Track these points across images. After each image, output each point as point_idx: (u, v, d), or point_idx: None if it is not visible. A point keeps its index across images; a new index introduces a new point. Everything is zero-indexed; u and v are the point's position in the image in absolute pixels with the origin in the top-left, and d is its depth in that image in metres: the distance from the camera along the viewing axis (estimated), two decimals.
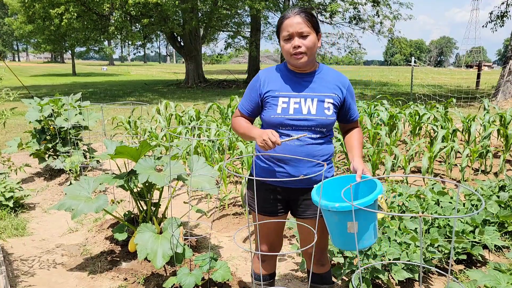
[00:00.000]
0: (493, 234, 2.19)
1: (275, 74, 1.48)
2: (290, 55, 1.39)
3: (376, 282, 2.04)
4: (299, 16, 1.36)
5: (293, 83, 1.45)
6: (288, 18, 1.37)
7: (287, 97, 1.43)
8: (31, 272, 2.24)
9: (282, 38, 1.40)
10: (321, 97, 1.43)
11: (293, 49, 1.37)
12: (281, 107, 1.42)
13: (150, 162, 2.09)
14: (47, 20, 13.86)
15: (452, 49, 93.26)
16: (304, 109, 1.41)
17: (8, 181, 3.17)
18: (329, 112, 1.43)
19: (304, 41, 1.36)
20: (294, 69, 1.46)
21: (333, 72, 1.50)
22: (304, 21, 1.36)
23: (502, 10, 12.75)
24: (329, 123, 1.44)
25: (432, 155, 3.67)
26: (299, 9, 1.38)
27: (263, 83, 1.47)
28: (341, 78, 1.49)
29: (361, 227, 1.22)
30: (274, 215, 1.54)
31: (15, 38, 44.90)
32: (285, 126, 1.42)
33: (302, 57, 1.38)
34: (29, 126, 6.70)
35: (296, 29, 1.35)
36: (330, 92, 1.45)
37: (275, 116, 1.42)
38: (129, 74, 29.46)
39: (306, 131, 1.41)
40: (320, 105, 1.42)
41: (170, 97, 12.80)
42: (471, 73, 18.75)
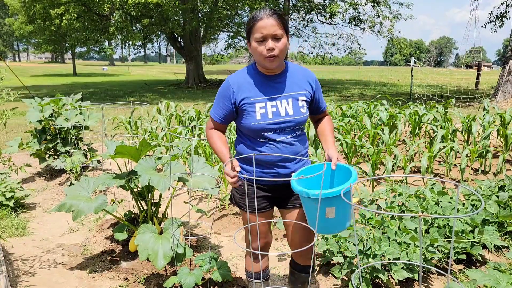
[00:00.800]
0: (493, 234, 2.20)
1: (246, 79, 1.47)
2: (264, 58, 1.38)
3: (375, 281, 2.05)
4: (273, 18, 1.35)
5: (266, 86, 1.46)
6: (261, 19, 1.35)
7: (263, 101, 1.44)
8: (31, 272, 2.24)
9: (255, 39, 1.37)
10: (295, 96, 1.47)
11: (267, 51, 1.36)
12: (259, 113, 1.43)
13: (151, 162, 2.10)
14: (47, 20, 13.87)
15: (452, 49, 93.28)
16: (281, 111, 1.44)
17: (8, 181, 3.17)
18: (304, 110, 1.48)
19: (277, 44, 1.36)
20: (264, 71, 1.46)
21: (299, 69, 1.53)
22: (277, 24, 1.35)
23: (501, 11, 12.76)
24: (305, 120, 1.50)
25: (432, 155, 3.67)
26: (270, 11, 1.37)
27: (236, 90, 1.45)
28: (308, 73, 1.53)
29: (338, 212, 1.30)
30: (264, 211, 1.60)
31: (15, 38, 44.93)
32: (266, 130, 1.44)
33: (275, 59, 1.38)
34: (29, 126, 6.71)
35: (270, 32, 1.35)
36: (302, 90, 1.49)
37: (256, 123, 1.43)
38: (129, 74, 29.47)
39: (286, 133, 1.46)
40: (295, 104, 1.46)
41: (170, 97, 12.80)
42: (471, 73, 18.75)
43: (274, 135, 1.45)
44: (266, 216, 1.61)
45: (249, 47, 1.44)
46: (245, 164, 1.53)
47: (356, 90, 15.93)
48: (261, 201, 1.57)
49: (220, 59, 21.50)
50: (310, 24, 19.47)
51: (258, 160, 1.49)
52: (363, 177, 4.00)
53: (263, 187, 1.56)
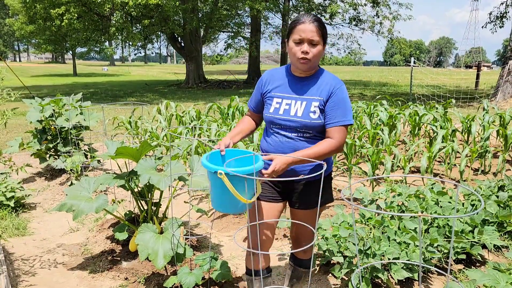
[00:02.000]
0: (492, 234, 2.20)
1: (277, 75, 1.59)
2: (297, 58, 1.47)
3: (375, 281, 2.05)
4: (313, 25, 1.43)
5: (290, 85, 1.55)
6: (303, 23, 1.44)
7: (281, 98, 1.55)
8: (32, 271, 2.25)
9: (293, 40, 1.46)
10: (309, 100, 1.51)
11: (301, 53, 1.45)
12: (274, 107, 1.55)
13: (151, 162, 2.10)
14: (48, 20, 13.89)
15: (452, 49, 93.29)
16: (292, 111, 1.51)
17: (9, 181, 3.18)
18: (315, 116, 1.49)
19: (312, 49, 1.45)
20: (295, 72, 1.56)
21: (330, 77, 1.55)
22: (317, 30, 1.44)
23: (501, 11, 12.76)
24: (314, 126, 1.50)
25: (432, 155, 3.68)
26: (314, 17, 1.45)
27: (265, 82, 1.60)
28: (333, 82, 1.52)
29: (212, 188, 1.39)
30: (272, 201, 1.62)
31: (16, 39, 44.95)
32: (274, 124, 1.55)
33: (307, 63, 1.46)
34: (30, 126, 6.71)
35: (308, 36, 1.43)
36: (318, 96, 1.51)
37: (268, 114, 1.56)
38: (129, 75, 29.48)
39: (292, 131, 1.53)
40: (306, 108, 1.50)
41: (170, 97, 12.81)
42: (471, 74, 18.76)
43: (281, 130, 1.54)
44: (275, 207, 1.63)
45: (287, 45, 1.52)
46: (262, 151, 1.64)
47: (356, 90, 15.94)
48: (270, 190, 1.63)
49: (220, 59, 21.52)
50: None
51: (263, 150, 1.61)
52: (363, 177, 4.00)
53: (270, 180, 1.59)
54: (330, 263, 2.26)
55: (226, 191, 1.33)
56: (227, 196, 1.35)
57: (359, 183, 3.61)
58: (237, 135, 1.60)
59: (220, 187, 1.35)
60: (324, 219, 2.34)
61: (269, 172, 1.39)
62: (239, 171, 1.30)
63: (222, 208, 1.44)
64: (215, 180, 1.35)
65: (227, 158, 1.50)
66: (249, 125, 1.68)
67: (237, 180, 1.31)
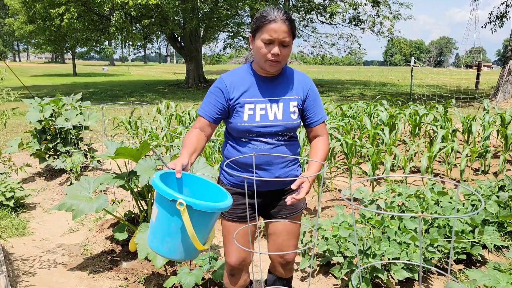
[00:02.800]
0: (493, 234, 2.20)
1: (240, 77, 1.41)
2: (265, 60, 1.33)
3: (375, 281, 2.05)
4: (285, 25, 1.29)
5: (259, 87, 1.40)
6: (274, 21, 1.29)
7: (253, 103, 1.38)
8: (31, 272, 2.24)
9: (262, 39, 1.31)
10: (286, 101, 1.40)
11: (271, 55, 1.31)
12: (247, 114, 1.37)
13: (151, 162, 2.10)
14: (47, 20, 13.88)
15: (452, 49, 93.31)
16: (270, 115, 1.38)
17: (8, 181, 3.17)
18: (295, 116, 1.41)
19: (283, 51, 1.32)
20: (260, 72, 1.41)
21: (297, 73, 1.46)
22: (289, 30, 1.31)
23: (501, 11, 12.76)
24: (295, 126, 1.42)
25: (432, 155, 3.67)
26: (284, 15, 1.30)
27: (229, 88, 1.39)
28: (304, 79, 1.45)
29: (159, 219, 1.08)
30: (244, 220, 1.46)
31: (15, 39, 44.94)
32: (252, 133, 1.38)
33: (277, 65, 1.34)
34: (29, 126, 6.71)
35: (280, 37, 1.29)
36: (294, 95, 1.41)
37: (242, 124, 1.37)
38: (129, 75, 29.47)
39: (273, 137, 1.39)
40: (286, 110, 1.39)
41: (170, 97, 12.81)
42: (471, 73, 18.76)
43: (260, 137, 1.38)
44: (248, 228, 1.46)
45: (251, 42, 1.38)
46: (230, 168, 1.45)
47: (356, 90, 15.93)
48: (244, 208, 1.45)
49: (219, 58, 21.51)
50: (310, 24, 19.49)
51: (239, 163, 1.41)
52: (363, 177, 4.00)
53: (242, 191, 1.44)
54: (330, 263, 2.26)
55: (180, 229, 1.06)
56: (178, 236, 1.07)
57: (359, 183, 3.61)
58: (193, 154, 1.33)
59: (172, 222, 1.06)
60: (324, 219, 2.33)
61: (302, 196, 1.23)
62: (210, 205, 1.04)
63: (165, 250, 1.10)
64: (166, 211, 1.06)
65: (184, 184, 1.21)
66: (203, 142, 1.40)
67: (198, 217, 1.05)
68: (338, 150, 4.01)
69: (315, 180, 3.45)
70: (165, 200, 1.05)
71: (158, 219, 1.11)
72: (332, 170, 4.17)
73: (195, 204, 1.03)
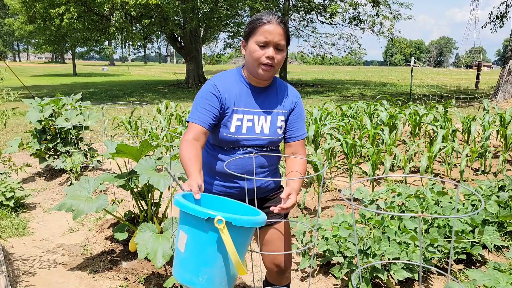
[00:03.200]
0: (493, 234, 2.20)
1: (230, 84, 1.32)
2: (259, 64, 1.25)
3: (375, 281, 2.05)
4: (281, 27, 1.24)
5: (248, 97, 1.32)
6: (269, 23, 1.23)
7: (242, 113, 1.31)
8: (31, 272, 2.24)
9: (256, 41, 1.24)
10: (274, 114, 1.35)
11: (265, 58, 1.24)
12: (235, 125, 1.30)
13: (151, 162, 2.10)
14: (47, 20, 13.88)
15: (452, 49, 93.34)
16: (257, 128, 1.31)
17: (8, 181, 3.17)
18: (280, 131, 1.37)
19: (278, 55, 1.26)
20: (251, 80, 1.33)
21: (286, 86, 1.41)
22: (284, 34, 1.25)
23: (501, 11, 12.77)
24: (279, 141, 1.38)
25: (432, 155, 3.67)
26: (279, 18, 1.26)
27: (222, 93, 1.29)
28: (294, 93, 1.41)
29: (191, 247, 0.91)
30: None
31: (15, 39, 44.94)
32: (237, 145, 1.32)
33: (271, 70, 1.27)
34: (29, 126, 6.71)
35: (275, 39, 1.23)
36: (282, 109, 1.37)
37: (228, 134, 1.30)
38: (129, 74, 29.48)
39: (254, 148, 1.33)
40: (273, 124, 1.34)
41: (170, 97, 12.81)
42: (471, 73, 18.77)
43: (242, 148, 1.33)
44: None
45: (243, 47, 1.31)
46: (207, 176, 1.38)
47: (356, 90, 15.94)
48: None
49: (219, 58, 21.52)
50: (310, 24, 19.50)
51: (218, 172, 1.35)
52: (363, 177, 4.00)
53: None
54: (330, 263, 2.26)
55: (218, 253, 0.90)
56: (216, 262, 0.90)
57: (359, 183, 3.61)
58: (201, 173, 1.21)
59: (208, 247, 0.90)
60: (324, 219, 2.33)
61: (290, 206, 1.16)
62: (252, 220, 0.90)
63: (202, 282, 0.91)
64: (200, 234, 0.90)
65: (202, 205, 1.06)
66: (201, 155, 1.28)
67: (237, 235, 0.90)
68: (338, 150, 4.01)
69: (315, 180, 3.45)
70: (198, 222, 0.89)
71: (189, 247, 0.92)
72: (332, 170, 4.17)
73: (235, 219, 0.88)
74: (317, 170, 3.23)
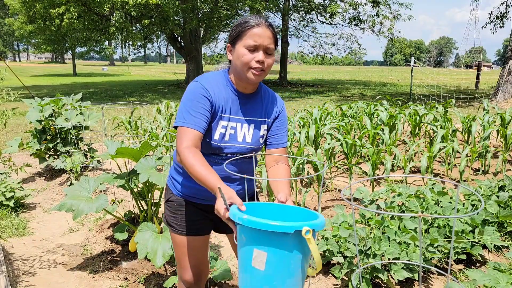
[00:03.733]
0: (493, 234, 2.20)
1: (218, 88, 1.26)
2: (248, 69, 1.20)
3: (375, 281, 2.05)
4: (270, 30, 1.20)
5: (235, 104, 1.27)
6: (259, 26, 1.19)
7: (227, 120, 1.26)
8: (31, 272, 2.24)
9: (245, 45, 1.19)
10: (257, 123, 1.31)
11: (255, 63, 1.19)
12: (219, 132, 1.25)
13: (151, 162, 2.10)
14: (47, 20, 13.88)
15: (452, 49, 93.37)
16: (239, 136, 1.27)
17: (8, 181, 3.17)
18: (262, 140, 1.33)
19: (268, 59, 1.21)
20: (237, 85, 1.28)
21: (271, 93, 1.38)
22: (273, 37, 1.21)
23: (501, 11, 12.77)
24: (259, 149, 1.34)
25: (432, 155, 3.67)
26: (267, 21, 1.22)
27: (212, 96, 1.23)
28: (278, 101, 1.38)
29: (273, 263, 0.88)
30: (200, 234, 1.37)
31: (15, 39, 44.94)
32: (217, 153, 1.28)
33: (261, 74, 1.21)
34: (29, 126, 6.71)
35: (265, 43, 1.19)
36: (265, 117, 1.33)
37: (211, 142, 1.25)
38: (129, 74, 29.48)
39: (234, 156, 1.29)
40: (256, 132, 1.30)
41: (170, 97, 12.81)
42: (471, 73, 18.78)
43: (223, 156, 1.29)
44: (202, 240, 1.38)
45: (229, 52, 1.25)
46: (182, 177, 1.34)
47: (356, 90, 15.94)
48: (199, 222, 1.35)
49: (220, 59, 21.51)
50: (310, 24, 19.51)
51: None
52: (363, 177, 4.00)
53: (200, 206, 1.35)
54: (330, 263, 2.26)
55: (301, 263, 0.90)
56: (299, 271, 0.90)
57: (359, 183, 3.61)
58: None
59: (291, 259, 0.88)
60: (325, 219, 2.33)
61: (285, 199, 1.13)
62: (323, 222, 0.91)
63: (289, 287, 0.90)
64: (284, 248, 0.88)
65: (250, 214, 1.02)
66: None
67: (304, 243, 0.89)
68: (338, 150, 4.01)
69: (315, 180, 3.45)
70: (280, 236, 0.87)
71: (271, 263, 0.89)
72: (332, 170, 4.17)
73: (316, 225, 0.89)
74: (317, 170, 3.23)
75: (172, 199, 1.38)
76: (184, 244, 1.36)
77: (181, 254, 1.38)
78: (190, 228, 1.35)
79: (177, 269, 1.42)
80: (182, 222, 1.35)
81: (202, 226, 1.37)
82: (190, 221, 1.35)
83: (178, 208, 1.36)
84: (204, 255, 1.42)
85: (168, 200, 1.39)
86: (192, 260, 1.38)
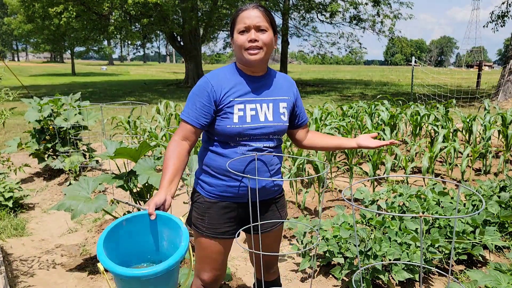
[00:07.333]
0: (494, 234, 2.18)
1: (225, 77, 1.30)
2: (244, 49, 1.24)
3: (376, 282, 2.04)
4: (258, 10, 1.24)
5: (246, 87, 1.30)
6: (246, 10, 1.24)
7: (242, 103, 1.27)
8: (30, 272, 2.23)
9: (237, 30, 1.25)
10: (276, 101, 1.33)
11: (248, 42, 1.22)
12: (237, 116, 1.26)
13: (150, 162, 2.09)
14: (46, 19, 13.86)
15: (453, 48, 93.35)
16: (261, 116, 1.29)
17: (7, 181, 3.16)
18: (285, 118, 1.35)
19: (262, 36, 1.23)
20: (245, 70, 1.31)
21: (283, 75, 1.42)
22: (262, 15, 1.24)
23: (503, 10, 12.75)
24: (284, 129, 1.35)
25: (433, 155, 3.66)
26: (256, 4, 1.26)
27: (216, 88, 1.27)
28: (291, 80, 1.43)
29: None
30: (225, 237, 1.36)
31: (14, 38, 44.91)
32: (243, 136, 1.27)
33: (258, 52, 1.23)
34: (28, 126, 6.69)
35: (253, 22, 1.23)
36: (284, 96, 1.36)
37: (232, 126, 1.26)
38: (128, 74, 29.45)
39: (263, 140, 1.30)
40: (276, 110, 1.32)
41: (169, 96, 12.79)
42: (472, 73, 18.76)
43: (250, 141, 1.28)
44: (227, 244, 1.38)
45: (232, 43, 1.30)
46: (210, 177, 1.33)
47: (356, 90, 15.92)
48: (225, 224, 1.34)
49: (219, 58, 21.50)
50: (311, 23, 19.49)
51: (222, 170, 1.29)
52: (364, 177, 3.99)
53: (230, 205, 1.33)
54: (331, 264, 2.24)
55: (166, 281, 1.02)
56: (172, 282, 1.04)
57: (360, 183, 3.59)
58: (173, 183, 1.23)
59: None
60: (325, 220, 2.32)
61: (387, 142, 1.40)
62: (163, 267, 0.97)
63: None
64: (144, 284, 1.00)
65: (163, 224, 1.14)
66: (185, 158, 1.28)
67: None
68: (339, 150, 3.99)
69: (315, 180, 3.43)
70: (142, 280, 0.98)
71: None
72: (332, 171, 4.16)
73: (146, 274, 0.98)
74: (318, 170, 3.21)
75: (200, 201, 1.36)
76: (209, 246, 1.36)
77: (204, 256, 1.38)
78: (216, 230, 1.35)
79: (195, 268, 1.42)
80: (209, 225, 1.34)
81: (227, 229, 1.36)
82: (217, 223, 1.34)
83: (206, 210, 1.34)
84: (225, 259, 1.42)
85: (196, 202, 1.38)
86: (214, 263, 1.38)
